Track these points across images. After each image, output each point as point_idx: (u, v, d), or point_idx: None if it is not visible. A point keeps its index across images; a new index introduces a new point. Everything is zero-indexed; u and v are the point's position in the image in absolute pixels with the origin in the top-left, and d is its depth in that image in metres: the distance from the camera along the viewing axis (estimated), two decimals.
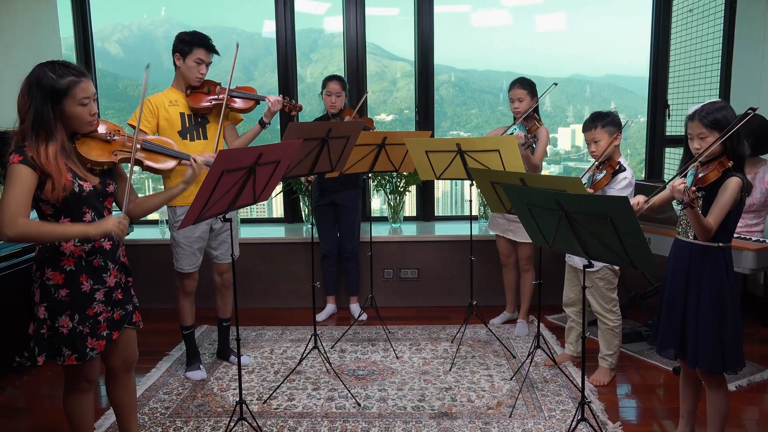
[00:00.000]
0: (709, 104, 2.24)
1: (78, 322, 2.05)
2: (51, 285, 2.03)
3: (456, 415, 2.85)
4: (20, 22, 4.18)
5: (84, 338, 2.07)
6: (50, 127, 1.96)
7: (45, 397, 3.15)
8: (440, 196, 5.73)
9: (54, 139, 1.97)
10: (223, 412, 2.91)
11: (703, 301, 2.25)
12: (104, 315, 2.11)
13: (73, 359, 2.06)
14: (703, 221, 2.17)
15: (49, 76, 1.96)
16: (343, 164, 3.20)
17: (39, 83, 1.95)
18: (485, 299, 4.39)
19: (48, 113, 1.95)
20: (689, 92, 4.64)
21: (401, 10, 5.16)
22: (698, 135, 2.23)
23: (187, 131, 3.10)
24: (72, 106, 1.99)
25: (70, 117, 2.01)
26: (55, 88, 1.95)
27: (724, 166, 2.18)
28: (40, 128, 1.95)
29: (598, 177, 2.92)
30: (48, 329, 2.05)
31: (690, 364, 2.32)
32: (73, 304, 2.05)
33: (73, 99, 1.98)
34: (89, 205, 2.06)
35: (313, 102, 5.42)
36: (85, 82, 2.01)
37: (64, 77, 1.97)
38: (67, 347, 2.05)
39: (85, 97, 2.01)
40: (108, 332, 2.13)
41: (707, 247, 2.25)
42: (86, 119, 2.04)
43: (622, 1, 6.84)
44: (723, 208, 2.18)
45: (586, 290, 2.56)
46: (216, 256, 3.31)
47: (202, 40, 3.06)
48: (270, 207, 5.55)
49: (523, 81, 3.67)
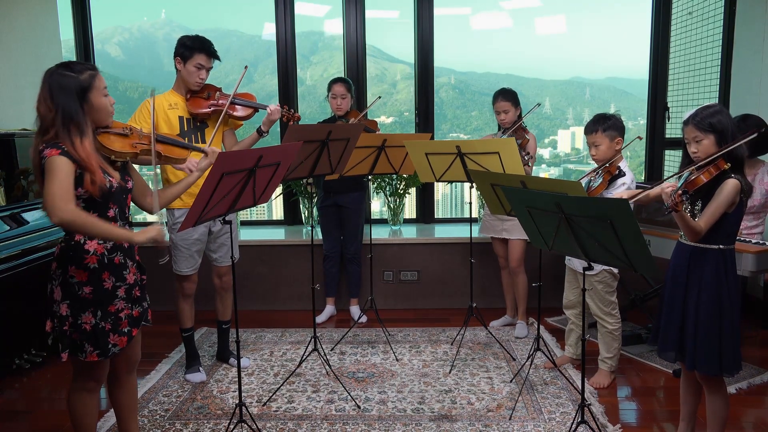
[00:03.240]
0: (702, 109, 2.25)
1: (101, 318, 2.09)
2: (75, 282, 2.07)
3: (456, 417, 2.85)
4: (20, 24, 4.19)
5: (106, 335, 2.10)
6: (80, 122, 2.02)
7: (44, 400, 3.14)
8: (440, 198, 5.73)
9: (86, 133, 2.03)
10: (222, 415, 2.91)
11: (702, 304, 2.25)
12: (125, 312, 2.16)
13: (95, 355, 2.09)
14: (690, 223, 2.18)
15: (69, 75, 2.01)
16: (343, 166, 3.20)
17: (61, 85, 2.00)
18: (485, 301, 4.38)
19: (77, 109, 2.01)
20: (689, 95, 4.64)
21: (401, 12, 5.18)
22: (694, 139, 2.24)
23: (185, 135, 3.10)
24: (98, 97, 2.06)
25: (96, 109, 2.07)
26: (80, 84, 2.02)
27: (719, 169, 2.17)
28: (71, 124, 2.00)
29: (595, 183, 2.90)
30: (70, 326, 2.08)
31: (689, 367, 2.32)
32: (96, 301, 2.08)
33: (98, 90, 2.06)
34: (115, 200, 2.12)
35: (313, 105, 5.43)
36: (99, 73, 2.10)
37: (83, 72, 2.04)
38: (89, 343, 2.08)
39: (105, 87, 2.10)
40: (129, 329, 2.17)
41: (707, 250, 2.25)
42: (109, 109, 2.13)
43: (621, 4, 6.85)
44: (716, 210, 2.17)
45: (586, 293, 2.56)
46: (215, 258, 3.31)
47: (204, 45, 3.06)
48: (270, 209, 5.55)
49: (506, 92, 3.69)
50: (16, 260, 3.20)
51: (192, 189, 3.11)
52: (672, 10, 4.72)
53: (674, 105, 4.76)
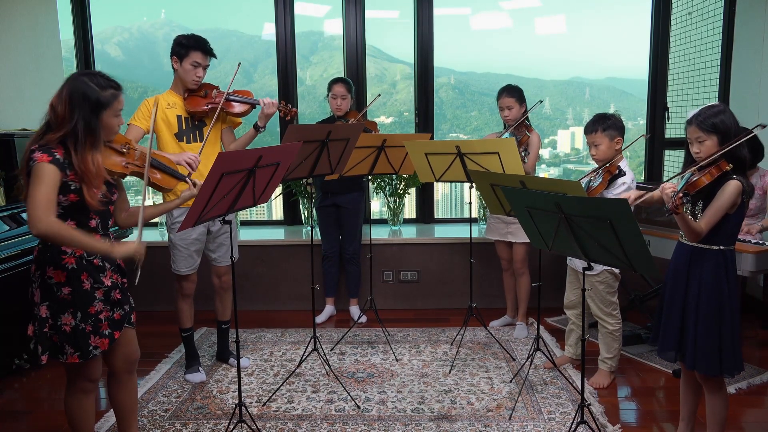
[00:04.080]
0: (706, 108, 2.23)
1: (80, 320, 2.07)
2: (53, 283, 2.06)
3: (455, 417, 2.85)
4: (20, 24, 4.19)
5: (87, 336, 2.09)
6: (97, 137, 2.03)
7: (44, 400, 3.14)
8: (440, 198, 5.73)
9: (98, 149, 2.04)
10: (222, 415, 2.91)
11: (702, 304, 2.25)
12: (105, 314, 2.13)
13: (76, 357, 2.08)
14: (691, 224, 2.17)
15: (93, 88, 2.02)
16: (343, 166, 3.20)
17: (85, 95, 2.01)
18: (485, 302, 4.38)
19: (96, 123, 2.02)
20: (688, 95, 4.65)
21: (401, 12, 5.17)
22: (696, 139, 2.22)
23: (184, 134, 3.10)
24: (109, 117, 2.07)
25: (105, 128, 2.07)
26: (100, 101, 2.02)
27: (721, 170, 2.16)
28: (89, 136, 2.01)
29: (595, 183, 2.90)
30: (50, 328, 2.07)
31: (689, 367, 2.32)
32: (75, 302, 2.07)
33: (112, 111, 2.07)
34: (97, 211, 2.12)
35: (313, 105, 5.43)
36: (121, 95, 2.11)
37: (106, 89, 2.05)
38: (69, 345, 2.07)
39: (120, 109, 2.10)
40: (110, 331, 2.15)
41: (706, 250, 2.25)
42: (116, 130, 2.13)
43: (621, 4, 6.85)
44: (717, 211, 2.16)
45: (586, 293, 2.56)
46: (214, 258, 3.31)
47: (199, 44, 3.06)
48: (269, 209, 5.55)
49: (511, 89, 3.68)
50: (16, 260, 3.20)
51: None
52: (672, 10, 4.72)
53: (674, 105, 4.76)
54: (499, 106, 3.72)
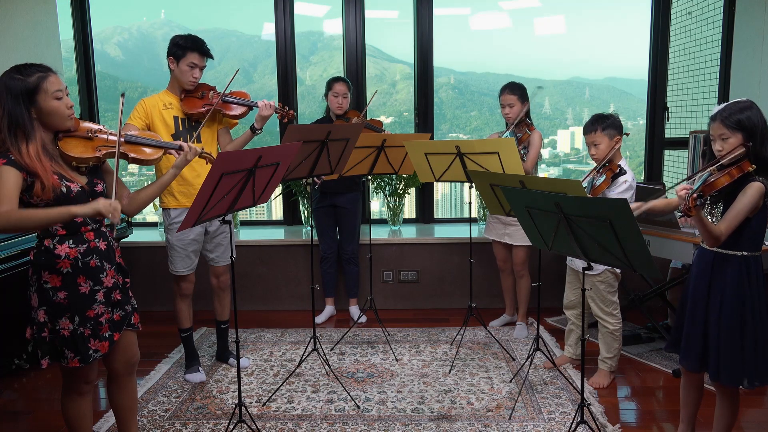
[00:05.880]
0: (732, 104, 2.12)
1: (79, 323, 2.05)
2: (49, 288, 2.04)
3: (455, 417, 2.85)
4: (19, 24, 4.19)
5: (86, 340, 2.07)
6: (26, 126, 1.97)
7: (44, 400, 3.14)
8: (440, 198, 5.73)
9: (33, 138, 1.97)
10: (222, 415, 2.91)
11: (724, 317, 2.16)
12: (105, 316, 2.11)
13: (76, 361, 2.06)
14: (708, 226, 2.08)
15: (16, 78, 1.97)
16: (343, 166, 3.20)
17: (8, 88, 1.96)
18: (484, 301, 4.38)
19: (21, 113, 1.96)
20: (688, 95, 4.64)
21: (401, 12, 5.17)
22: (720, 136, 2.11)
23: (180, 134, 3.10)
24: (47, 101, 2.00)
25: (48, 113, 2.01)
26: (27, 87, 1.97)
27: (743, 171, 2.05)
28: (16, 129, 1.95)
29: (598, 181, 2.91)
30: (49, 332, 2.05)
31: (712, 378, 2.22)
32: (73, 306, 2.05)
33: (46, 93, 1.99)
34: (78, 205, 2.06)
35: (312, 105, 5.42)
36: (53, 75, 2.03)
37: (32, 75, 1.98)
38: (69, 349, 2.06)
39: (58, 90, 2.02)
40: (110, 333, 2.13)
41: (729, 256, 2.16)
42: (64, 112, 2.05)
43: (621, 4, 6.84)
44: (738, 214, 2.07)
45: (587, 293, 2.55)
46: (212, 258, 3.30)
47: (196, 44, 3.06)
48: (269, 209, 5.55)
49: (513, 86, 3.68)
50: (16, 260, 3.20)
51: (189, 189, 3.12)
52: (671, 10, 4.72)
53: (674, 105, 4.76)
54: (500, 103, 3.71)
